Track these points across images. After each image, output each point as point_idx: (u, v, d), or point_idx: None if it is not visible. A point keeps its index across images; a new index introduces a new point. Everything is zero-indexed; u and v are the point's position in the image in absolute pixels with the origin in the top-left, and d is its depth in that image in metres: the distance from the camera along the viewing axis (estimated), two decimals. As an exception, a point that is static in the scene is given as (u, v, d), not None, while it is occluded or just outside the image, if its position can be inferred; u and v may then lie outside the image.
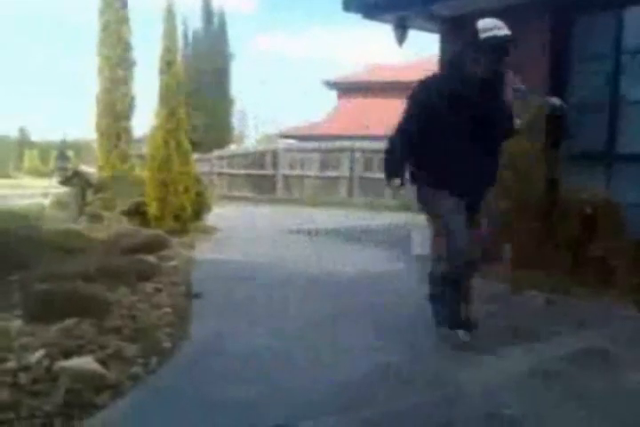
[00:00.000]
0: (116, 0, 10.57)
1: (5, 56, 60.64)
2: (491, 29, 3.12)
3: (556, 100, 3.66)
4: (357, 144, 13.69)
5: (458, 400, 2.52)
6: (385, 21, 5.98)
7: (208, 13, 21.35)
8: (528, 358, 3.03)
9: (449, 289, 3.28)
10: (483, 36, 3.11)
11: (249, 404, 2.45)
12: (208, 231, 7.92)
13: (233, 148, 19.41)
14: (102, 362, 2.73)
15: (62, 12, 68.97)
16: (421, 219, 7.50)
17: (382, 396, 2.55)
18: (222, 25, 21.59)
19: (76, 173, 9.21)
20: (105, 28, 10.57)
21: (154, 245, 5.91)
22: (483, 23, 3.16)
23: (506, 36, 3.13)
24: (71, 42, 68.51)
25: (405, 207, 11.38)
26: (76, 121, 55.42)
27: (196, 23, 21.32)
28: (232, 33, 30.25)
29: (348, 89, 21.15)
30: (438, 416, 2.38)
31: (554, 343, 3.28)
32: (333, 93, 22.63)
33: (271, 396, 2.53)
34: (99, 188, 8.95)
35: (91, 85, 10.86)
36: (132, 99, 11.06)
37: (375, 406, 2.44)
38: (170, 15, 7.93)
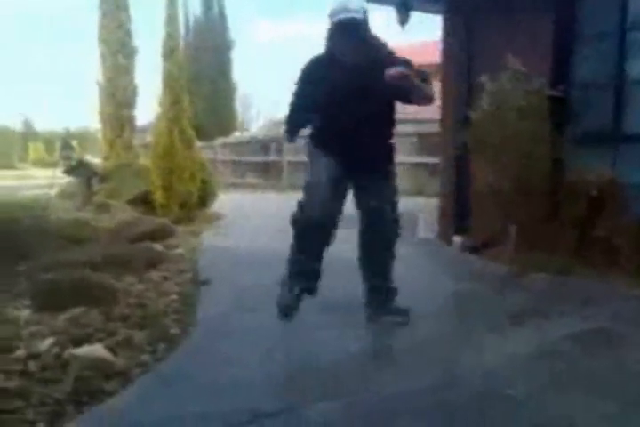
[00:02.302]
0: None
1: (7, 47, 60.55)
2: (338, 13, 3.01)
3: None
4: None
5: (460, 380, 2.53)
6: (386, 4, 5.91)
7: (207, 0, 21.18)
8: (532, 338, 3.04)
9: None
10: (331, 20, 3.05)
11: (255, 389, 2.47)
12: (214, 219, 7.93)
13: (237, 135, 19.35)
14: (111, 349, 2.76)
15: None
16: (425, 203, 7.52)
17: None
18: (222, 10, 21.43)
19: (81, 163, 9.23)
20: (105, 15, 10.53)
21: (160, 234, 5.93)
22: (333, 5, 3.05)
23: (351, 19, 2.99)
24: (74, 32, 68.34)
25: (410, 192, 11.38)
26: (81, 110, 55.45)
27: (196, 9, 21.18)
28: (233, 18, 29.99)
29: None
30: (439, 398, 2.39)
31: (559, 323, 3.28)
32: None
33: (278, 381, 2.55)
34: (104, 177, 8.97)
35: (94, 75, 10.83)
36: (135, 87, 11.04)
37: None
38: (172, 0, 7.88)
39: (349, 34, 3.03)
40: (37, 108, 70.21)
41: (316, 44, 3.39)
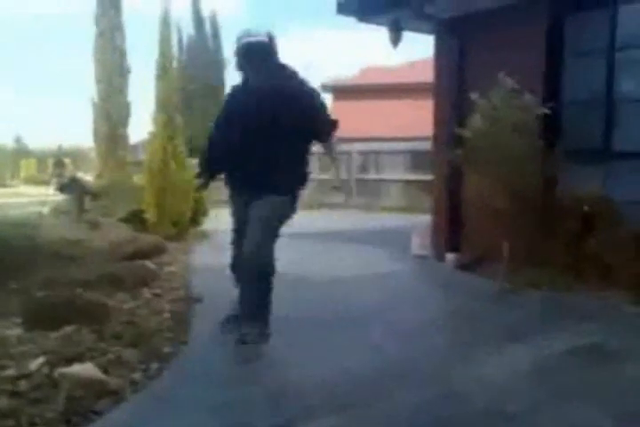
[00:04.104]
0: (110, 7, 10.61)
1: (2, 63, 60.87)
2: (242, 38, 3.21)
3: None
4: (354, 146, 13.71)
5: (459, 398, 2.52)
6: (379, 24, 5.98)
7: (198, 19, 21.34)
8: (528, 354, 3.03)
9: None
10: (236, 44, 3.23)
11: (248, 407, 2.44)
12: (206, 236, 7.90)
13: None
14: (103, 368, 2.72)
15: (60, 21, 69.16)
16: (418, 220, 7.54)
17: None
18: (215, 30, 21.59)
19: (73, 181, 9.21)
20: (101, 35, 10.62)
21: (152, 251, 5.91)
22: (240, 33, 3.25)
23: (253, 42, 3.18)
24: (69, 47, 68.91)
25: (402, 209, 11.41)
26: (73, 128, 55.46)
27: (190, 29, 21.30)
28: (226, 38, 29.95)
29: (343, 92, 21.19)
30: (438, 416, 2.37)
31: (554, 339, 3.28)
32: (327, 96, 22.63)
33: (269, 399, 2.53)
34: (96, 195, 8.95)
35: (88, 93, 10.88)
36: (129, 106, 11.09)
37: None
38: (165, 20, 7.94)
39: (252, 56, 3.20)
40: (30, 126, 69.88)
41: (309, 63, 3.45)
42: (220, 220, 8.69)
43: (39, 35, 69.68)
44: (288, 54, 3.53)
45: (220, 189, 3.75)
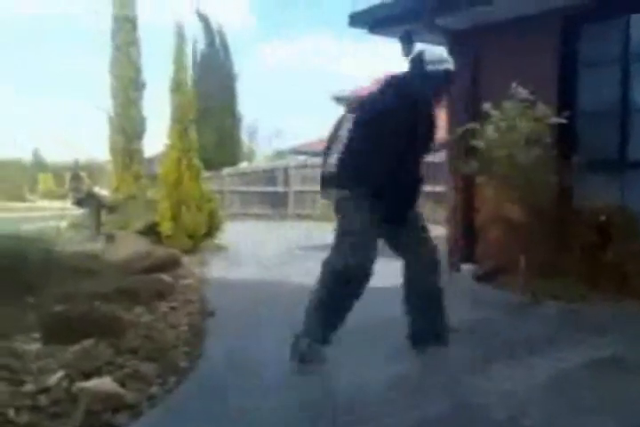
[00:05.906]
0: (126, 22, 10.75)
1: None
2: (442, 63, 3.20)
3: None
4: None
5: (475, 410, 2.50)
6: (391, 35, 6.01)
7: (209, 33, 21.57)
8: (546, 367, 3.00)
9: None
10: (433, 67, 3.18)
11: (266, 420, 2.44)
12: (220, 249, 7.95)
13: (244, 165, 19.55)
14: (120, 382, 2.73)
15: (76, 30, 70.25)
16: (433, 232, 7.51)
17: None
18: (224, 43, 21.82)
19: (90, 195, 9.30)
20: (117, 49, 10.75)
21: (168, 265, 5.94)
22: (430, 55, 3.25)
23: (452, 71, 3.22)
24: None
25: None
26: (89, 142, 55.88)
27: (201, 44, 21.54)
28: (236, 49, 30.13)
29: (356, 103, 21.26)
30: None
31: (573, 352, 3.24)
32: (333, 106, 22.61)
33: (284, 411, 2.52)
34: (113, 208, 9.03)
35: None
36: (144, 120, 11.19)
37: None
38: (179, 35, 8.05)
39: (445, 84, 3.25)
40: (47, 140, 70.52)
41: (319, 73, 3.48)
42: (231, 233, 8.77)
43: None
44: (300, 64, 3.53)
45: (232, 204, 3.73)
